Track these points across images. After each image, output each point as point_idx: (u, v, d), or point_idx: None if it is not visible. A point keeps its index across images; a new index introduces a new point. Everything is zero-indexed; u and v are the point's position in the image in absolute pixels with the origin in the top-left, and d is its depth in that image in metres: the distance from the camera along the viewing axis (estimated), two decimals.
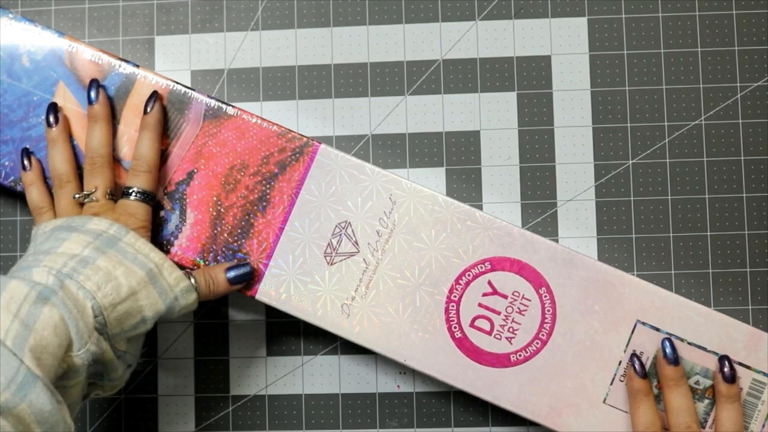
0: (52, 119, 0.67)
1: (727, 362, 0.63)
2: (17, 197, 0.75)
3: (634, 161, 0.72)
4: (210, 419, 0.73)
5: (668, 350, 0.63)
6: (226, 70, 0.74)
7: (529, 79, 0.74)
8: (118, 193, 0.67)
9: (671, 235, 0.72)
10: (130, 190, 0.65)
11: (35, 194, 0.67)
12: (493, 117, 0.73)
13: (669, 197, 0.72)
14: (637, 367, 0.63)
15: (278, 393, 0.73)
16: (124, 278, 0.58)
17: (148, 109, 0.66)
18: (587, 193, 0.72)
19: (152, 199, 0.66)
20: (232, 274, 0.65)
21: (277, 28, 0.75)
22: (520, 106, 0.73)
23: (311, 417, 0.73)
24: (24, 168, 0.68)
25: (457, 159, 0.73)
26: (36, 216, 0.67)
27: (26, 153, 0.68)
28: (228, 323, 0.74)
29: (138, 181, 0.65)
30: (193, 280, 0.63)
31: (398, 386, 0.72)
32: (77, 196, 0.65)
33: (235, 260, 0.67)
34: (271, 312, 0.73)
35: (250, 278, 0.66)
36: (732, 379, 0.62)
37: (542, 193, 0.72)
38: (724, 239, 0.71)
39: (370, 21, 0.74)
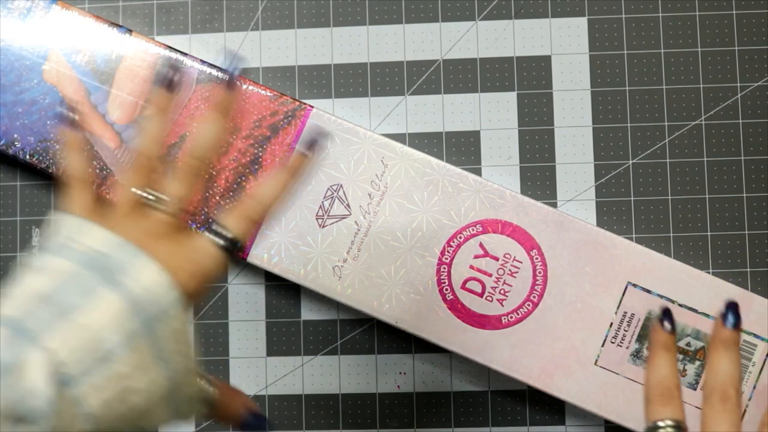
0: (170, 78, 0.51)
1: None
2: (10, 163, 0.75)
3: (634, 161, 0.72)
4: (210, 419, 0.73)
5: (730, 315, 0.55)
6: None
7: (529, 79, 0.74)
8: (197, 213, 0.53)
9: (671, 235, 0.72)
10: (218, 230, 0.48)
11: (78, 162, 0.51)
12: (493, 117, 0.73)
13: (669, 197, 0.72)
14: (665, 321, 0.57)
15: (278, 393, 0.73)
16: (142, 395, 0.42)
17: (307, 150, 0.52)
18: (587, 193, 0.72)
19: (232, 253, 0.49)
20: (249, 419, 0.52)
21: (277, 28, 0.75)
22: (520, 106, 0.73)
23: (311, 417, 0.73)
24: (70, 123, 0.52)
25: (457, 159, 0.73)
26: (74, 190, 0.50)
27: (74, 106, 0.53)
28: (228, 323, 0.73)
29: (236, 225, 0.49)
30: (210, 393, 0.50)
31: (398, 386, 0.72)
32: (146, 194, 0.48)
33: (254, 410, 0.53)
34: (272, 312, 0.73)
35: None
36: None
37: (542, 193, 0.72)
38: (724, 239, 0.71)
39: (370, 21, 0.75)
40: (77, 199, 0.50)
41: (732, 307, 0.56)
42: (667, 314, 0.56)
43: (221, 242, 0.48)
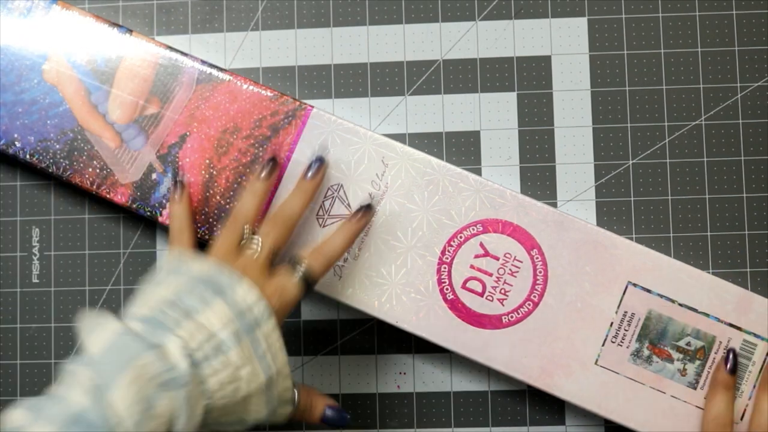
0: (265, 174, 0.64)
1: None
2: (10, 163, 0.75)
3: (634, 161, 0.72)
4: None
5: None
6: (227, 70, 0.74)
7: (529, 79, 0.74)
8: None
9: (671, 235, 0.72)
10: (301, 267, 0.61)
11: (179, 214, 0.66)
12: (493, 117, 0.73)
13: (669, 197, 0.72)
14: (729, 362, 0.63)
15: None
16: (245, 381, 0.55)
17: (359, 213, 0.64)
18: (587, 193, 0.72)
19: (309, 291, 0.62)
20: (330, 413, 0.64)
21: (277, 28, 0.75)
22: (520, 106, 0.73)
23: None
24: (175, 184, 0.66)
25: (458, 159, 0.73)
26: (174, 237, 0.65)
27: (180, 170, 0.67)
28: None
29: (315, 262, 0.61)
30: (295, 395, 0.61)
31: (398, 386, 0.72)
32: (244, 237, 0.62)
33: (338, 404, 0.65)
34: None
35: (343, 427, 0.64)
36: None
37: (542, 193, 0.72)
38: (724, 239, 0.71)
39: (370, 21, 0.75)
40: (182, 240, 0.65)
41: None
42: (731, 356, 0.64)
43: (299, 275, 0.60)
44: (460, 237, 0.65)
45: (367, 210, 0.64)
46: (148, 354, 0.51)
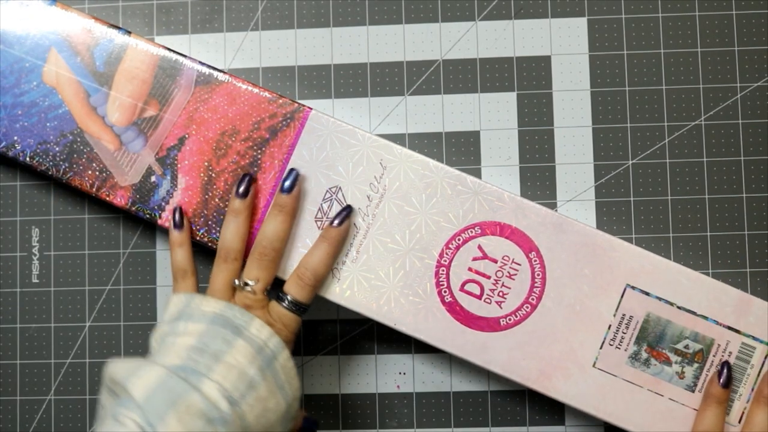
0: (242, 190, 0.65)
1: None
2: (10, 165, 0.75)
3: (634, 161, 0.72)
4: None
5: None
6: (226, 71, 0.73)
7: (529, 79, 0.73)
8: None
9: (671, 235, 0.72)
10: (287, 297, 0.63)
11: (180, 256, 0.66)
12: (493, 117, 0.73)
13: (669, 197, 0.72)
14: (723, 375, 0.63)
15: None
16: (273, 413, 0.58)
17: (336, 222, 0.65)
18: (587, 193, 0.72)
19: (305, 312, 0.64)
20: (305, 424, 0.66)
21: (277, 28, 0.75)
22: (520, 106, 0.73)
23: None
24: (175, 226, 0.67)
25: (457, 159, 0.73)
26: (178, 278, 0.66)
27: (179, 212, 0.67)
28: None
29: (299, 292, 0.64)
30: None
31: (398, 386, 0.72)
32: (237, 282, 0.63)
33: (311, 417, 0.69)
34: None
35: (316, 429, 0.68)
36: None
37: (542, 193, 0.72)
38: (724, 239, 0.71)
39: (370, 21, 0.74)
40: (185, 284, 0.65)
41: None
42: (724, 369, 0.64)
43: (291, 307, 0.63)
44: (458, 239, 0.65)
45: (344, 216, 0.65)
46: (194, 394, 0.54)
